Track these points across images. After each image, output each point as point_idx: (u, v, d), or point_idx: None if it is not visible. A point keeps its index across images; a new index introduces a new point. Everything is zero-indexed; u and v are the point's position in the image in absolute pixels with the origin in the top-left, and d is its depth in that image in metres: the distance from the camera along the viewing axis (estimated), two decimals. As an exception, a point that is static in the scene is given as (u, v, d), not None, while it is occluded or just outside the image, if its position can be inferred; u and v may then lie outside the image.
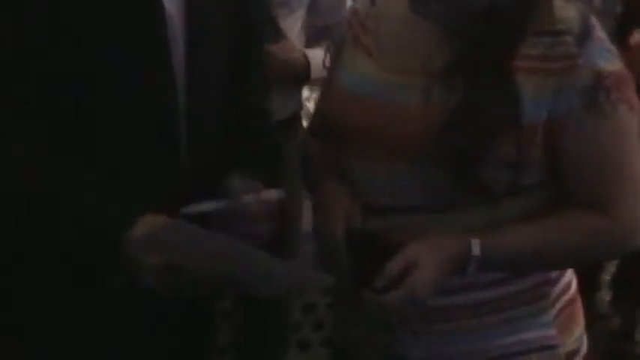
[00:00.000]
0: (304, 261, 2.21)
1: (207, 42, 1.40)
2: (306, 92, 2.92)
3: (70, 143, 1.30)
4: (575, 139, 1.33)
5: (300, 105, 2.66)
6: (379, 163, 1.38)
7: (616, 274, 3.57)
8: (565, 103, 1.31)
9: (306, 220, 2.40)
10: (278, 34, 2.31)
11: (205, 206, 1.35)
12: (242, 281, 1.25)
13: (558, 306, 1.46)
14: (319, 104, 1.59)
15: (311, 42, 2.47)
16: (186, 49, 1.37)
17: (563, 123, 1.32)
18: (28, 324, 1.38)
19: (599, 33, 1.35)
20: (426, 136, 1.31)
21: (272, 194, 1.39)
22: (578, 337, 1.50)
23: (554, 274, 1.45)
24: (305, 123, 2.61)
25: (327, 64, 1.55)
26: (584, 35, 1.32)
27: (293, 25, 2.42)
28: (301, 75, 2.39)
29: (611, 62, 1.34)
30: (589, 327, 3.43)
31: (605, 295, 3.65)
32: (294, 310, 3.04)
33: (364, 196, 1.40)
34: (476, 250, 1.32)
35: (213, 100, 1.43)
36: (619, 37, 2.74)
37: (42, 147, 1.29)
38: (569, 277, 1.50)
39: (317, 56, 1.89)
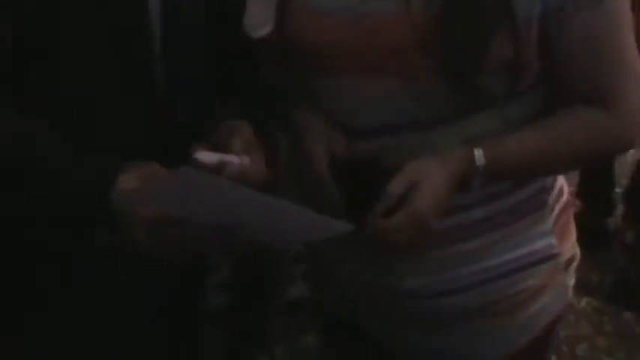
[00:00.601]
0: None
1: None
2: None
3: (39, 98, 1.25)
4: (570, 30, 1.27)
5: None
6: (362, 80, 1.30)
7: (628, 188, 3.55)
8: None
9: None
10: None
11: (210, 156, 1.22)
12: (252, 234, 1.18)
13: (555, 213, 1.43)
14: (278, 28, 1.44)
15: None
16: None
17: (558, 13, 1.26)
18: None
19: None
20: (413, 45, 1.24)
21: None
22: (573, 243, 1.48)
23: (548, 181, 1.41)
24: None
25: None
26: None
27: None
28: None
29: None
30: (604, 246, 3.43)
31: (618, 210, 3.63)
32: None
33: (346, 118, 1.33)
34: (480, 160, 1.26)
35: (192, 34, 1.36)
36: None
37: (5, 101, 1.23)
38: (561, 182, 1.46)
39: None
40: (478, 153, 1.26)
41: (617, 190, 3.63)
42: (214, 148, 1.24)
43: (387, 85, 1.29)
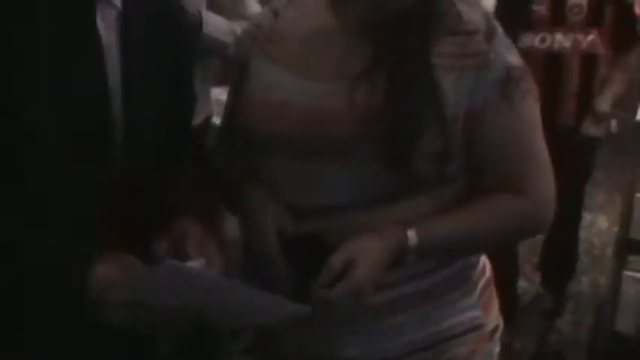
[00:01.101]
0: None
1: (141, 59, 1.41)
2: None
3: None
4: (491, 128, 1.41)
5: (211, 108, 2.63)
6: (307, 164, 1.40)
7: (542, 256, 3.69)
8: (481, 95, 1.39)
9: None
10: None
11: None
12: (214, 315, 1.28)
13: (479, 287, 1.54)
14: (226, 119, 1.58)
15: None
16: (121, 59, 1.38)
17: (480, 113, 1.39)
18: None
19: (501, 31, 1.44)
20: (354, 134, 1.36)
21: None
22: (496, 314, 1.59)
23: (474, 258, 1.53)
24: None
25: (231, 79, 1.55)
26: (491, 33, 1.41)
27: None
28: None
29: (515, 57, 1.44)
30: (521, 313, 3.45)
31: (535, 276, 3.77)
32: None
33: (292, 199, 1.42)
34: (413, 240, 1.38)
35: (149, 114, 1.43)
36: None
37: None
38: (484, 260, 1.58)
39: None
40: (411, 233, 1.38)
41: (534, 259, 3.79)
42: (173, 244, 1.36)
43: (329, 169, 1.39)
